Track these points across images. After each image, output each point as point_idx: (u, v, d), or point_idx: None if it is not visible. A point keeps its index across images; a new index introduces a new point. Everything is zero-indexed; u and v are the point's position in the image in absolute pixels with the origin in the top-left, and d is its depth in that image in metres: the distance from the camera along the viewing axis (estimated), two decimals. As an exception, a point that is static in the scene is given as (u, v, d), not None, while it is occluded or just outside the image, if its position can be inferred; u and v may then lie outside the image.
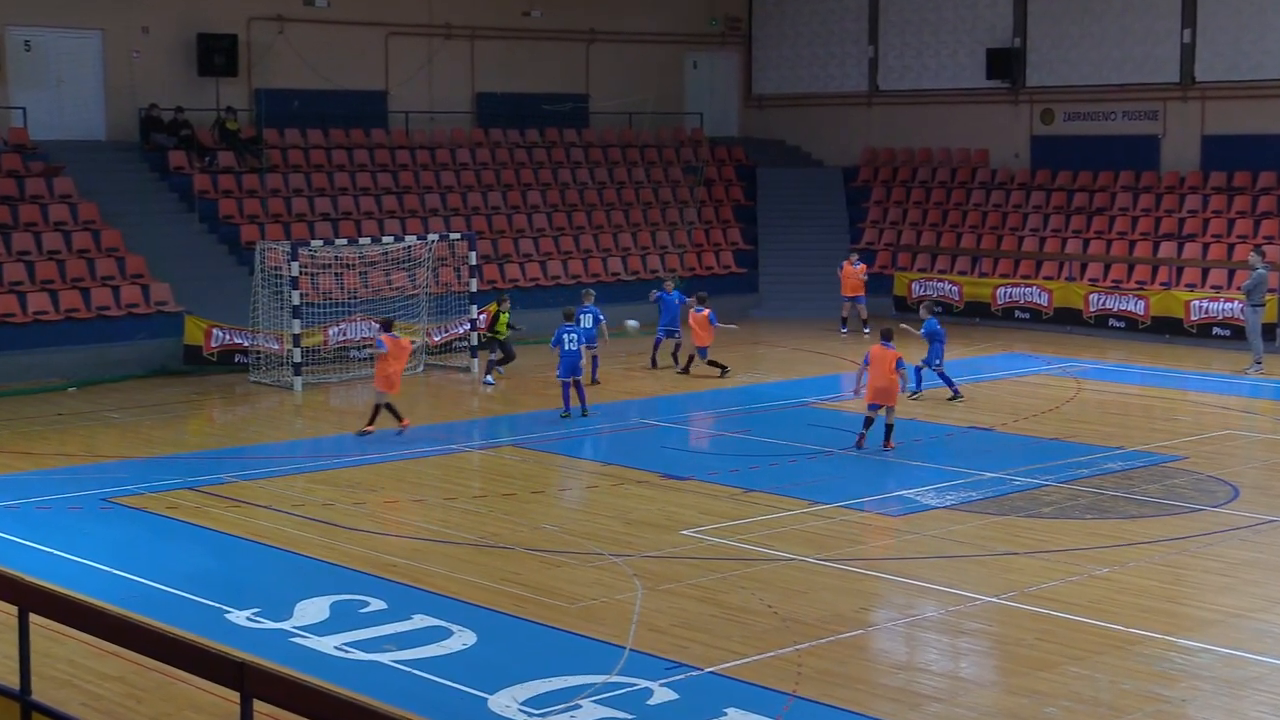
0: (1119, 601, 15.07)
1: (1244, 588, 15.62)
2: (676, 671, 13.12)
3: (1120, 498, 19.34)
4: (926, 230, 39.66)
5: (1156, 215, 36.40)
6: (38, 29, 33.99)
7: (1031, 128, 39.71)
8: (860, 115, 42.86)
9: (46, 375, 28.43)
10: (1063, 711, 12.26)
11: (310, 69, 36.92)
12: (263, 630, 14.31)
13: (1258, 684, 12.91)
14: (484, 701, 12.42)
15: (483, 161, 38.81)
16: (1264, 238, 34.06)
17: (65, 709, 10.57)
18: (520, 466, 22.00)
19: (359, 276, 30.80)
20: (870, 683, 13.04)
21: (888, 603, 15.46)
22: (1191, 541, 17.32)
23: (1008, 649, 14.01)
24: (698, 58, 44.65)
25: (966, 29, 40.38)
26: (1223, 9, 35.99)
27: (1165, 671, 13.21)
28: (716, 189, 41.69)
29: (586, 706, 12.29)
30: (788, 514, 18.58)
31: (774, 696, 12.53)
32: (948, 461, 21.47)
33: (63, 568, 16.25)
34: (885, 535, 17.65)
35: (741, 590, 15.50)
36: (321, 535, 17.74)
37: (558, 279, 36.19)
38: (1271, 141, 35.50)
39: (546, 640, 14.05)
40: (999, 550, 17.04)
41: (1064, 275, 36.24)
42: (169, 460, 22.05)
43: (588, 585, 15.73)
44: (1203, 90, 36.54)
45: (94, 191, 32.75)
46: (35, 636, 10.08)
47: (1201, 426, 24.35)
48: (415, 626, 14.35)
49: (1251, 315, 29.30)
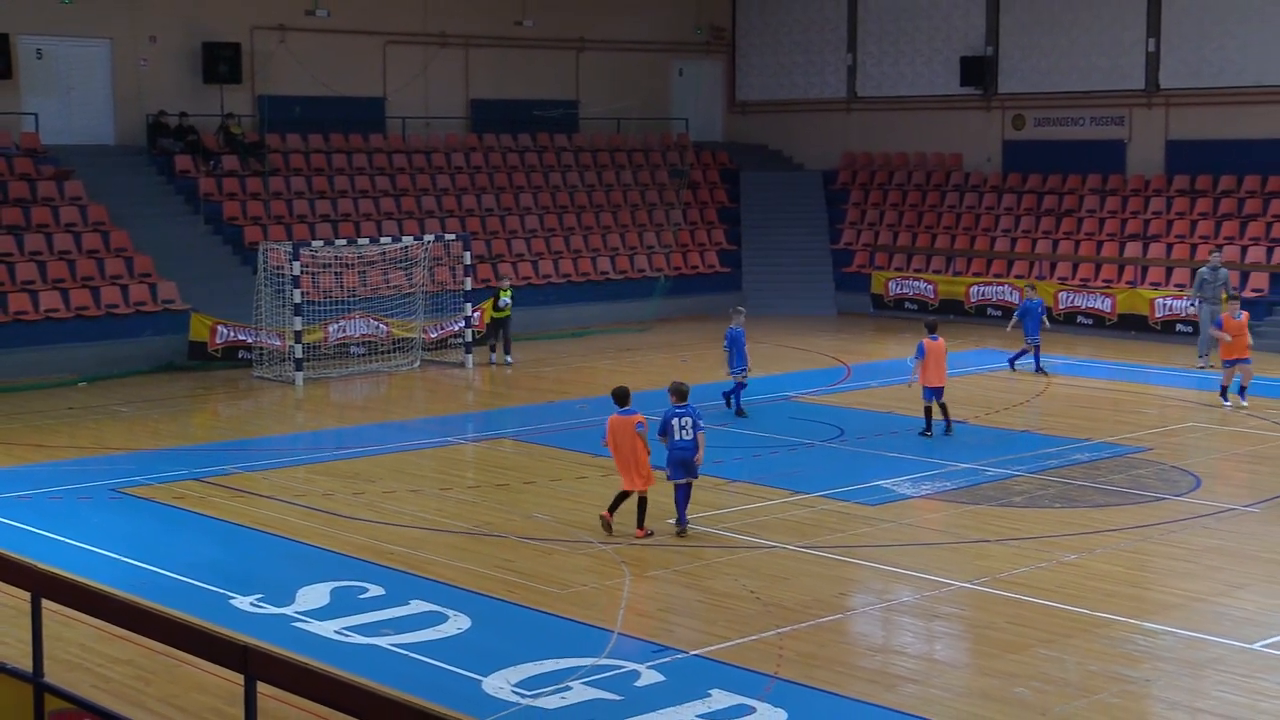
0: (1086, 586, 15.10)
1: (1205, 573, 15.66)
2: (663, 654, 13.13)
3: (1087, 487, 19.38)
4: (903, 231, 39.69)
5: (1123, 217, 36.46)
6: (49, 38, 33.92)
7: (1003, 133, 39.76)
8: (839, 120, 42.88)
9: (57, 371, 28.39)
10: (1032, 692, 12.29)
11: (311, 76, 36.88)
12: (266, 615, 14.31)
13: (1217, 665, 12.95)
14: (478, 683, 12.42)
15: (476, 165, 38.78)
16: (1225, 238, 34.17)
17: (76, 691, 10.56)
18: (513, 458, 22.00)
19: (358, 275, 30.81)
20: (849, 665, 13.05)
21: (866, 588, 15.48)
22: (1155, 529, 17.35)
23: (980, 632, 14.04)
24: (683, 65, 44.63)
25: (941, 38, 40.41)
26: (1186, 19, 36.06)
27: (1130, 653, 13.24)
28: (701, 191, 41.69)
29: (576, 688, 12.29)
30: (770, 503, 18.59)
31: (757, 678, 12.54)
32: (923, 453, 21.49)
33: (73, 555, 16.23)
34: (863, 524, 17.66)
35: (725, 576, 15.51)
36: (322, 524, 17.73)
37: (549, 278, 36.21)
38: (1233, 146, 35.58)
39: (538, 625, 14.05)
40: (972, 538, 17.07)
41: (1034, 275, 36.29)
42: (175, 452, 22.02)
43: (578, 572, 15.74)
44: (1166, 97, 36.61)
45: (103, 194, 32.70)
46: (47, 621, 10.08)
47: (1165, 419, 24.40)
48: (412, 611, 14.35)
49: (1202, 311, 29.35)
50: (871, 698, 12.19)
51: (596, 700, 12.05)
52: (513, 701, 12.03)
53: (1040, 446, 21.78)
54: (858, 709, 11.97)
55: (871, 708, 11.99)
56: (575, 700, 12.05)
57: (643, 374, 28.65)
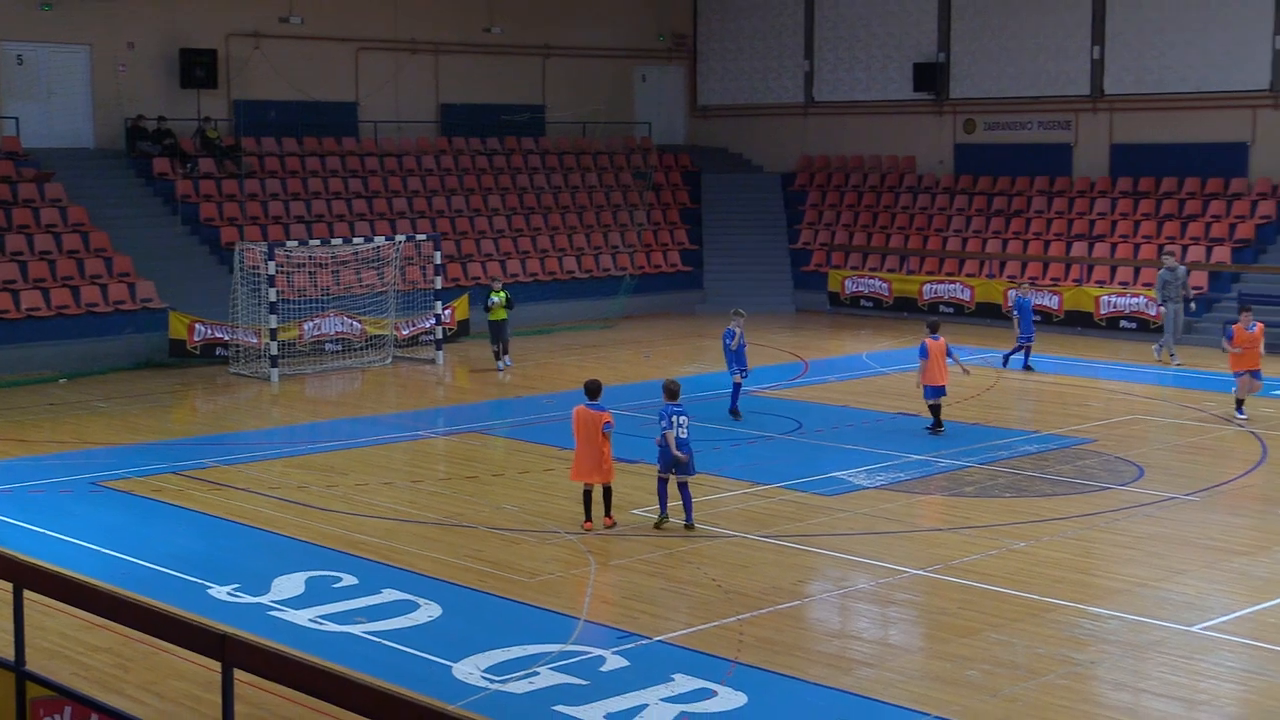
0: (1034, 573, 15.17)
1: (1147, 559, 15.75)
2: (627, 640, 13.13)
3: (1036, 478, 19.45)
4: (858, 231, 39.76)
5: (1069, 217, 36.61)
6: (30, 44, 33.67)
7: (955, 136, 39.88)
8: (797, 124, 42.93)
9: (39, 368, 28.21)
10: (983, 674, 12.33)
11: (285, 82, 36.72)
12: (242, 604, 14.25)
13: (1159, 647, 13.02)
14: (449, 669, 12.39)
15: (446, 168, 38.68)
16: (1167, 238, 34.34)
17: (58, 678, 10.49)
18: (482, 451, 21.95)
19: (331, 275, 30.72)
20: (807, 649, 13.07)
21: (823, 576, 15.50)
22: (1100, 517, 17.44)
23: (933, 617, 14.08)
24: (646, 71, 44.60)
25: (895, 45, 40.49)
26: (1129, 28, 36.23)
27: (1076, 636, 13.30)
28: (664, 193, 41.68)
29: (544, 673, 12.28)
30: (730, 494, 18.60)
31: (718, 663, 12.55)
32: (878, 445, 21.53)
33: (55, 547, 16.13)
34: (821, 513, 17.69)
35: (688, 565, 15.51)
36: (297, 516, 17.66)
37: (516, 276, 36.14)
38: (1174, 150, 35.78)
39: (507, 612, 14.03)
40: (925, 527, 17.12)
41: (985, 273, 36.41)
42: (154, 446, 21.90)
43: (545, 561, 15.72)
44: (1111, 102, 36.78)
45: (83, 196, 32.49)
46: (29, 611, 10.01)
47: (1110, 412, 24.50)
48: (384, 600, 14.31)
49: (1166, 310, 29.52)
50: (829, 681, 12.22)
51: (563, 685, 12.04)
52: (482, 686, 12.01)
53: (990, 439, 21.85)
54: (816, 692, 11.99)
55: (829, 690, 12.01)
56: (543, 685, 12.04)
57: (609, 369, 28.65)
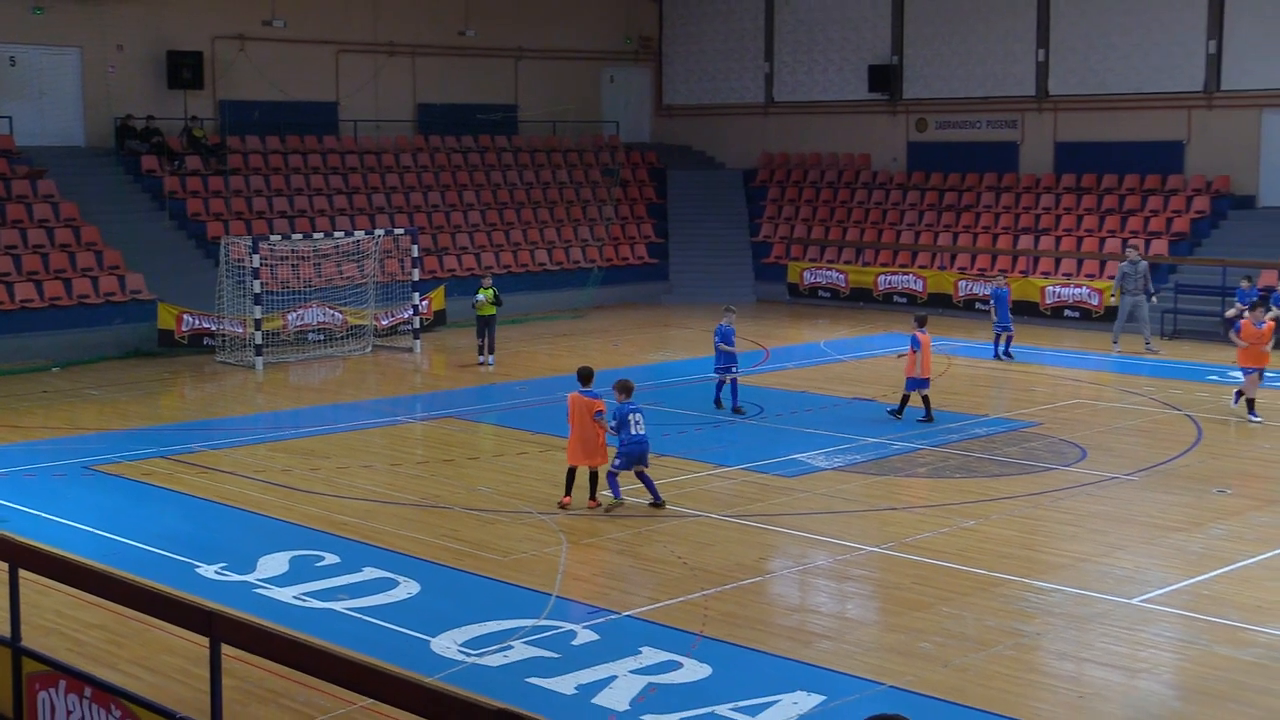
0: (983, 549, 15.25)
1: (1090, 536, 15.85)
2: (597, 615, 13.16)
3: (985, 459, 19.55)
4: (816, 225, 39.83)
5: (1016, 212, 36.75)
6: (22, 46, 33.42)
7: (908, 135, 39.97)
8: (758, 123, 42.96)
9: (32, 357, 28.05)
10: (935, 646, 12.41)
11: (269, 82, 36.56)
12: (229, 582, 14.22)
13: (1102, 619, 13.12)
14: (427, 644, 12.41)
15: (423, 165, 38.59)
16: (1108, 232, 34.53)
17: (53, 654, 10.47)
18: (458, 436, 21.94)
19: (313, 267, 30.63)
20: (768, 623, 13.12)
21: (784, 553, 15.56)
22: (1045, 496, 17.54)
23: (888, 592, 14.15)
24: (614, 72, 44.55)
25: (851, 48, 40.55)
26: (1072, 32, 36.38)
27: (1023, 610, 13.39)
28: (631, 189, 41.66)
29: (518, 647, 12.30)
30: (695, 475, 18.65)
31: (683, 636, 12.59)
32: (835, 428, 21.60)
33: (49, 528, 16.06)
34: (781, 494, 17.74)
35: (655, 543, 15.55)
36: (281, 498, 17.63)
37: (490, 268, 36.03)
38: (1116, 148, 35.95)
39: (482, 589, 14.04)
40: (880, 506, 17.20)
41: (936, 265, 36.54)
42: (144, 432, 21.82)
43: (519, 540, 15.73)
44: (1055, 103, 36.93)
45: (74, 192, 32.29)
46: (24, 590, 10.00)
47: (1055, 397, 24.62)
48: (365, 578, 14.30)
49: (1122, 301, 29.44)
50: (789, 653, 12.27)
51: (536, 658, 12.07)
52: (459, 660, 12.03)
53: (942, 422, 21.93)
54: (776, 663, 12.04)
55: (789, 662, 12.06)
56: (517, 658, 12.06)
57: (579, 358, 28.60)
